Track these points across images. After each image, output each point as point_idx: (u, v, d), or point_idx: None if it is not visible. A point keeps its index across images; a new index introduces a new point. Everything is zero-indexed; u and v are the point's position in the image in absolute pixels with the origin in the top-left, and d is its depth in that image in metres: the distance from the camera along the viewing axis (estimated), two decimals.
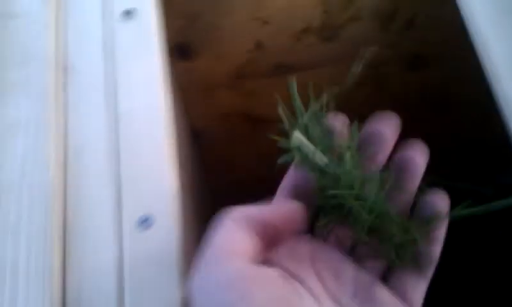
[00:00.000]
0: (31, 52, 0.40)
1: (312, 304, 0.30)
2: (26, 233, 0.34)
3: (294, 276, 0.31)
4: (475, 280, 0.72)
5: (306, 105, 0.63)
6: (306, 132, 0.36)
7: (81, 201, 0.34)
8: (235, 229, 0.31)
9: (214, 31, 0.54)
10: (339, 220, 0.35)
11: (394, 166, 0.37)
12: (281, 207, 0.35)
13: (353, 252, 0.35)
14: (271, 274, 0.29)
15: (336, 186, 0.34)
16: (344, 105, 0.65)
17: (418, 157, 0.38)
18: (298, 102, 0.37)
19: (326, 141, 0.36)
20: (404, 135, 0.68)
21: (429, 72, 0.60)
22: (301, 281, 0.31)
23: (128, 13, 0.40)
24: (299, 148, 0.35)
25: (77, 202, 0.34)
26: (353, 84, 0.62)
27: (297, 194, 0.36)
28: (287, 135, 0.37)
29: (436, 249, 0.34)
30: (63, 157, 0.36)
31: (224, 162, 0.69)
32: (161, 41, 0.41)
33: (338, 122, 0.39)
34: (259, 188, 0.75)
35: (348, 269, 0.33)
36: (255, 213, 0.33)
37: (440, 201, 0.36)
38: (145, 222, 0.32)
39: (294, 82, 0.37)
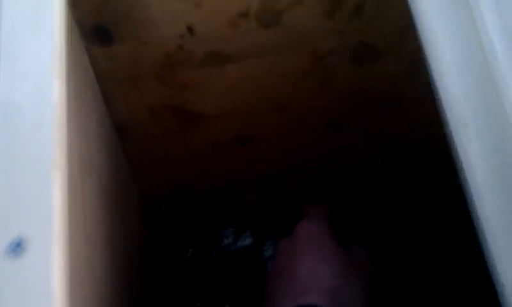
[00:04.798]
0: None
1: None
2: None
3: None
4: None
5: (247, 101, 0.57)
6: None
7: None
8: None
9: (138, 11, 0.47)
10: None
11: None
12: None
13: None
14: None
15: None
16: (286, 99, 0.59)
17: None
18: None
19: None
20: (352, 131, 0.63)
21: (379, 65, 0.55)
22: None
23: None
24: None
25: None
26: (295, 76, 0.56)
27: None
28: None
29: None
30: None
31: (153, 161, 0.62)
32: (68, 19, 0.34)
33: None
34: (192, 190, 0.69)
35: None
36: None
37: None
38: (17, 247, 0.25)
39: None
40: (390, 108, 0.60)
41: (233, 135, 0.62)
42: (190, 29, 0.49)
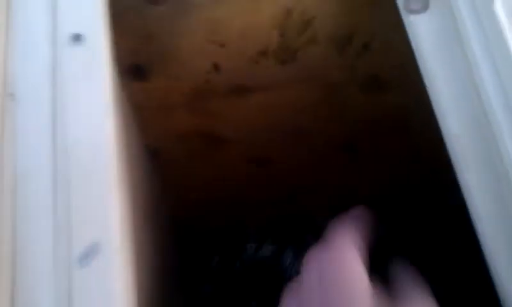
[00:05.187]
0: None
1: None
2: None
3: None
4: None
5: (267, 128, 0.63)
6: None
7: (20, 232, 0.33)
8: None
9: (170, 52, 0.54)
10: None
11: None
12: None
13: None
14: None
15: None
16: (302, 126, 0.65)
17: None
18: None
19: None
20: (361, 157, 0.69)
21: (385, 95, 0.60)
22: None
23: (77, 38, 0.39)
24: None
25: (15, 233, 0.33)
26: (311, 106, 0.62)
27: None
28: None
29: None
30: (8, 184, 0.35)
31: (182, 182, 0.69)
32: (111, 64, 0.40)
33: None
34: (217, 209, 0.75)
35: None
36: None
37: None
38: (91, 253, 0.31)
39: None
40: (398, 134, 0.65)
41: (254, 157, 0.68)
42: (216, 66, 0.56)
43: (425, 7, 0.40)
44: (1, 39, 0.40)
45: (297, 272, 0.46)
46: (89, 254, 0.31)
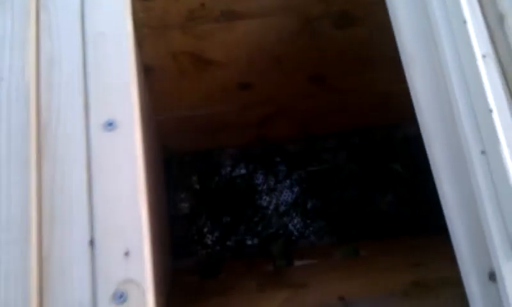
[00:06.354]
0: None
1: None
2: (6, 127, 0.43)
3: None
4: None
5: (250, 53, 0.72)
6: None
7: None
8: None
9: None
10: None
11: None
12: None
13: None
14: None
15: None
16: (280, 55, 0.74)
17: None
18: None
19: None
20: (329, 87, 0.78)
21: (355, 30, 0.70)
22: None
23: None
24: None
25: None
26: (289, 35, 0.71)
27: None
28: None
29: None
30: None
31: (172, 100, 0.77)
32: None
33: None
34: (203, 124, 0.83)
35: None
36: None
37: None
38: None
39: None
40: (363, 65, 0.75)
41: (237, 81, 0.76)
42: None
43: None
44: None
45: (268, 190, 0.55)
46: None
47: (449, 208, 0.42)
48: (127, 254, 0.42)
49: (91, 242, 0.42)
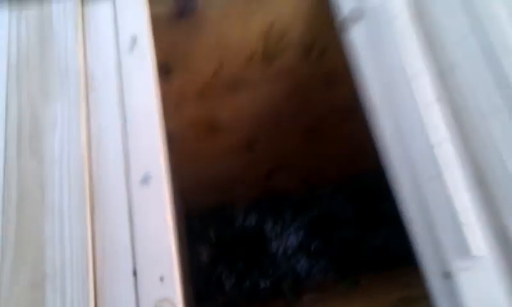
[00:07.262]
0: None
1: None
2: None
3: None
4: None
5: (253, 115, 0.86)
6: None
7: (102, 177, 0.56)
8: None
9: (188, 55, 0.76)
10: None
11: None
12: None
13: None
14: None
15: None
16: (279, 114, 0.88)
17: None
18: None
19: None
20: (316, 138, 0.92)
21: (340, 89, 0.84)
22: None
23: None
24: None
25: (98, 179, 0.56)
26: (286, 97, 0.86)
27: None
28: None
29: None
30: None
31: (190, 161, 0.90)
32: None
33: None
34: (218, 179, 0.96)
35: None
36: None
37: None
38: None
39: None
40: (345, 119, 0.89)
41: (244, 141, 0.90)
42: (221, 65, 0.79)
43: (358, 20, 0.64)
44: None
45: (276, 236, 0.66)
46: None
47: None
48: (161, 279, 0.53)
49: (134, 272, 0.54)
